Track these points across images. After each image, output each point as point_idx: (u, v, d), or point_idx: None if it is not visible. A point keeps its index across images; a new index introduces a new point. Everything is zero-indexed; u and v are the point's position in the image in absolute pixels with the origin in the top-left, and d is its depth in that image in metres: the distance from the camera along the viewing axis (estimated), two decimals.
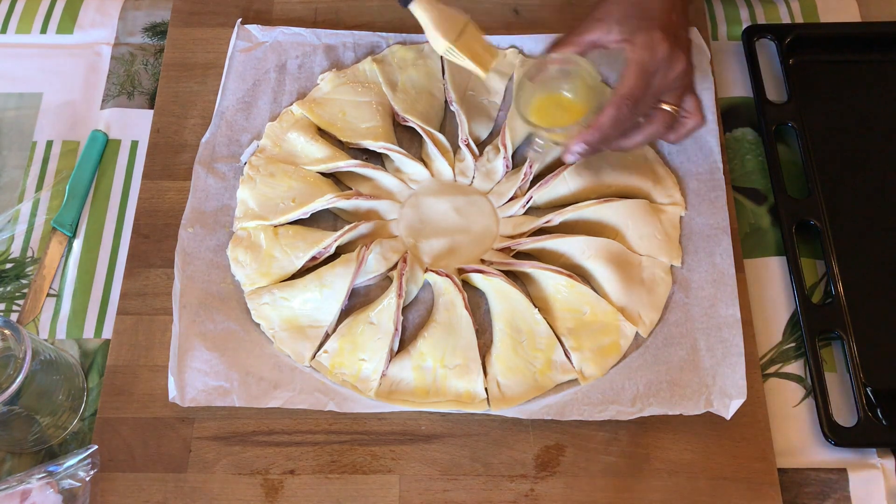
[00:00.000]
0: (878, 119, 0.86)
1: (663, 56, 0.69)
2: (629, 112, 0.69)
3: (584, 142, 0.70)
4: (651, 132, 0.73)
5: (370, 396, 0.73)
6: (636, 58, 0.68)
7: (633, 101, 0.68)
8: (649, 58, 0.68)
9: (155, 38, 0.93)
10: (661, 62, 0.69)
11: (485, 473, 0.71)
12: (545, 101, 0.74)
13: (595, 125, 0.69)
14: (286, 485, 0.71)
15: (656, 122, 0.72)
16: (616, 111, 0.69)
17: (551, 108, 0.74)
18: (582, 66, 0.72)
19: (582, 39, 0.72)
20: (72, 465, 0.70)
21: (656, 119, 0.72)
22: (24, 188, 0.85)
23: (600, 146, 0.72)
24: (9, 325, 0.66)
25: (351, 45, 0.89)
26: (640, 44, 0.68)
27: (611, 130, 0.70)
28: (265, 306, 0.76)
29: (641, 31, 0.69)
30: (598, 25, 0.71)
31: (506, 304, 0.75)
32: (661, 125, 0.73)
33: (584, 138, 0.70)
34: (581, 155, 0.72)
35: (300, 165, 0.82)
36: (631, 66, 0.69)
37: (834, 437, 0.71)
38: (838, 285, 0.77)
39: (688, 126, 0.74)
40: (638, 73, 0.68)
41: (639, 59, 0.68)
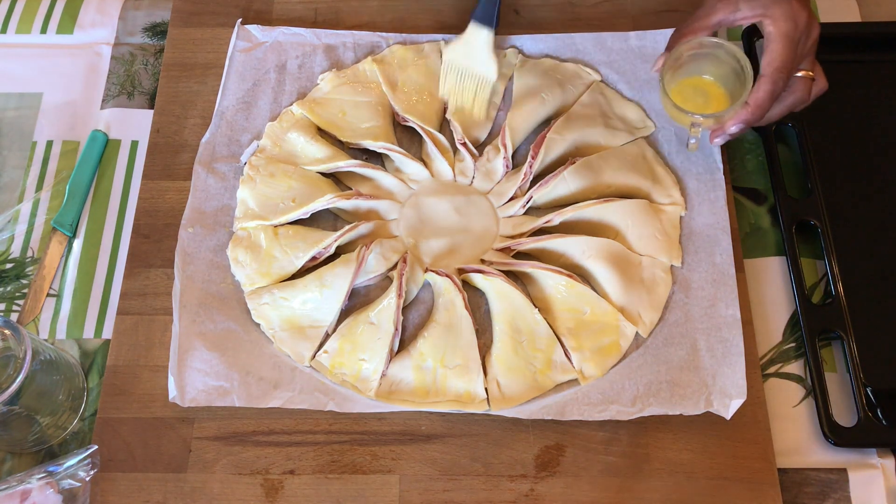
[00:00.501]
0: (878, 119, 0.85)
1: (804, 25, 0.70)
2: (784, 85, 0.70)
3: (742, 121, 0.71)
4: (793, 101, 0.73)
5: (370, 396, 0.73)
6: (782, 30, 0.69)
7: (787, 73, 0.69)
8: (794, 28, 0.69)
9: (155, 38, 0.93)
10: (802, 31, 0.70)
11: (485, 473, 0.71)
12: (683, 88, 0.75)
13: (754, 103, 0.70)
14: (286, 485, 0.71)
15: (797, 90, 0.73)
16: (773, 86, 0.69)
17: (690, 94, 0.75)
18: (723, 46, 0.72)
19: (708, 22, 0.73)
20: (72, 465, 0.70)
21: (797, 88, 0.73)
22: (24, 188, 0.86)
23: (755, 123, 0.72)
24: (9, 325, 0.66)
25: (351, 45, 0.89)
26: (780, 16, 0.69)
27: (768, 105, 0.70)
28: (265, 306, 0.76)
29: (777, 4, 0.69)
30: (722, 6, 0.72)
31: (506, 304, 0.75)
32: (803, 92, 0.73)
33: (742, 118, 0.71)
34: (734, 135, 0.73)
35: (300, 165, 0.82)
36: (778, 38, 0.69)
37: (834, 437, 0.71)
38: (838, 285, 0.77)
39: (815, 91, 0.75)
40: (787, 44, 0.69)
41: (784, 30, 0.69)
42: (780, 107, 0.74)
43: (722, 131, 0.73)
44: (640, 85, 0.86)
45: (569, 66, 0.87)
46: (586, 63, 0.88)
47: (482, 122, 0.85)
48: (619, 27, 0.90)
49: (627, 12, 0.92)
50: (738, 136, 0.74)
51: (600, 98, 0.85)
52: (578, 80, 0.87)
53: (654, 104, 0.85)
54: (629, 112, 0.85)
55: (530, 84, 0.86)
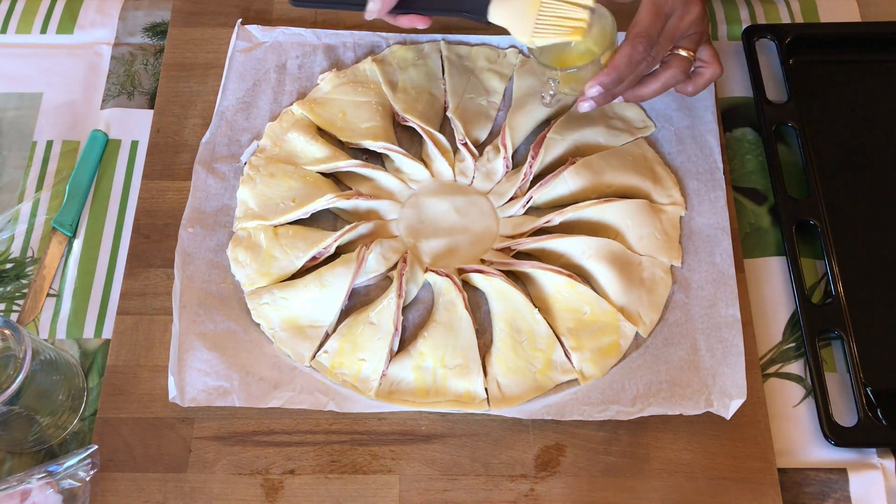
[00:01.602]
0: (878, 119, 0.86)
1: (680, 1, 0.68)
2: (644, 51, 0.68)
3: (600, 83, 0.69)
4: (667, 79, 0.72)
5: (370, 396, 0.73)
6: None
7: (648, 40, 0.68)
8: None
9: (155, 38, 0.93)
10: (675, 4, 0.68)
11: (485, 473, 0.71)
12: (559, 47, 0.73)
13: (611, 65, 0.69)
14: (286, 485, 0.71)
15: (673, 67, 0.72)
16: (631, 49, 0.68)
17: (563, 57, 0.73)
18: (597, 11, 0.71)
19: None
20: (72, 465, 0.70)
21: (673, 64, 0.72)
22: (24, 188, 0.86)
23: (615, 89, 0.70)
24: (9, 325, 0.66)
25: (351, 45, 0.90)
26: None
27: (626, 70, 0.69)
28: (265, 306, 0.76)
29: None
30: None
31: (506, 304, 0.75)
32: (679, 71, 0.72)
33: (599, 80, 0.69)
34: (596, 101, 0.71)
35: (300, 165, 0.82)
36: (646, 5, 0.68)
37: (834, 437, 0.71)
38: (838, 285, 0.77)
39: (706, 76, 0.74)
40: (652, 10, 0.68)
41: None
42: (655, 83, 0.72)
43: (584, 96, 0.71)
44: None
45: None
46: None
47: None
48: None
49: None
50: (602, 102, 0.71)
51: None
52: None
53: (654, 104, 0.85)
54: (629, 112, 0.85)
55: (530, 84, 0.86)
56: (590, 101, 0.71)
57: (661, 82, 0.72)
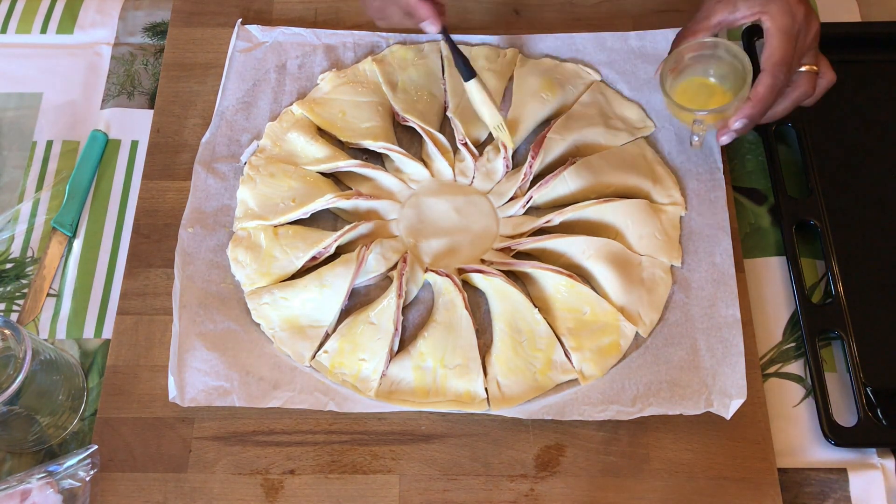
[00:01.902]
0: (878, 119, 0.85)
1: (802, 19, 0.70)
2: (785, 79, 0.70)
3: (746, 117, 0.71)
4: (798, 96, 0.74)
5: (370, 396, 0.73)
6: (779, 25, 0.69)
7: (787, 68, 0.70)
8: (791, 23, 0.70)
9: (155, 38, 0.93)
10: (801, 25, 0.70)
11: (485, 473, 0.71)
12: (687, 88, 0.75)
13: (755, 98, 0.70)
14: (286, 485, 0.71)
15: (801, 85, 0.73)
16: (773, 80, 0.70)
17: (693, 94, 0.75)
18: (722, 45, 0.73)
19: (708, 24, 0.74)
20: (72, 465, 0.70)
21: (801, 82, 0.73)
22: (24, 188, 0.86)
23: (759, 119, 0.72)
24: (9, 325, 0.66)
25: (351, 45, 0.89)
26: (777, 12, 0.70)
27: (770, 100, 0.71)
28: (265, 306, 0.76)
29: (774, 1, 0.70)
30: (721, 7, 0.73)
31: (506, 304, 0.75)
32: (808, 87, 0.73)
33: (745, 113, 0.71)
34: (739, 131, 0.73)
35: (300, 165, 0.82)
36: (776, 34, 0.70)
37: (834, 437, 0.71)
38: (838, 285, 0.77)
39: (822, 84, 0.75)
40: (785, 39, 0.69)
41: (782, 25, 0.69)
42: (786, 102, 0.74)
43: (727, 128, 0.73)
44: (640, 85, 0.86)
45: (569, 66, 0.87)
46: (586, 63, 0.88)
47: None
48: (619, 27, 0.90)
49: (627, 12, 0.92)
50: (744, 132, 0.74)
51: (600, 98, 0.85)
52: (578, 80, 0.87)
53: (654, 104, 0.85)
54: (629, 112, 0.85)
55: (530, 84, 0.86)
56: (732, 133, 0.73)
57: (792, 100, 0.74)
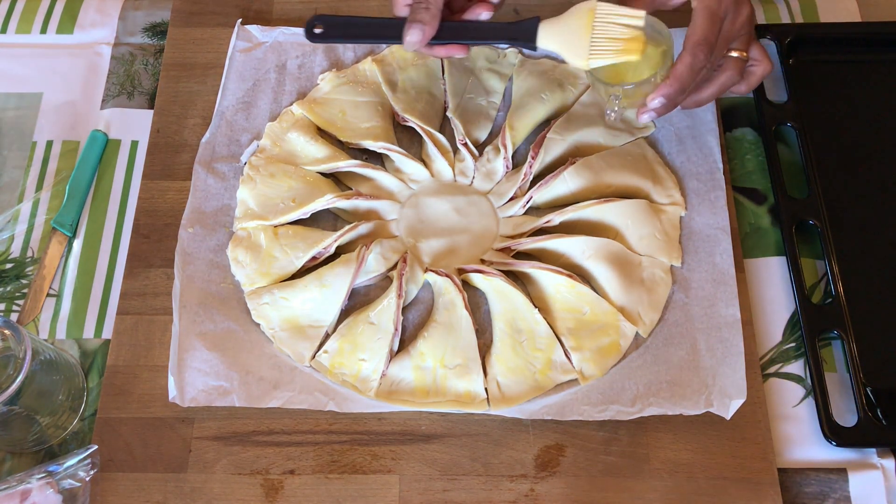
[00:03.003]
0: (878, 119, 0.85)
1: (730, 1, 0.69)
2: (704, 59, 0.68)
3: (663, 95, 0.70)
4: (724, 81, 0.73)
5: (370, 396, 0.73)
6: (704, 4, 0.68)
7: (708, 47, 0.68)
8: (717, 3, 0.68)
9: (155, 38, 0.93)
10: (728, 7, 0.69)
11: (485, 473, 0.71)
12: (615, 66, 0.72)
13: (673, 76, 0.69)
14: (286, 485, 0.71)
15: (728, 70, 0.72)
16: (692, 58, 0.68)
17: (618, 70, 0.73)
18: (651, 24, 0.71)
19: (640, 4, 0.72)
20: (72, 465, 0.70)
21: (728, 67, 0.72)
22: (24, 188, 0.86)
23: (677, 98, 0.71)
24: (9, 325, 0.66)
25: (351, 45, 0.89)
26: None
27: (688, 79, 0.69)
28: (265, 306, 0.76)
29: None
30: None
31: (506, 304, 0.75)
32: (735, 72, 0.72)
33: (662, 92, 0.69)
34: (657, 111, 0.71)
35: (300, 165, 0.82)
36: (700, 12, 0.68)
37: (834, 437, 0.71)
38: (838, 285, 0.77)
39: (757, 73, 0.74)
40: (708, 17, 0.68)
41: (707, 4, 0.68)
42: (712, 87, 0.73)
43: (645, 107, 0.71)
44: None
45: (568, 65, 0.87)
46: None
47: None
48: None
49: None
50: (663, 112, 0.71)
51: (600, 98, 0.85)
52: (578, 80, 0.87)
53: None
54: (629, 112, 0.85)
55: (530, 84, 0.86)
56: (651, 112, 0.71)
57: (718, 85, 0.73)
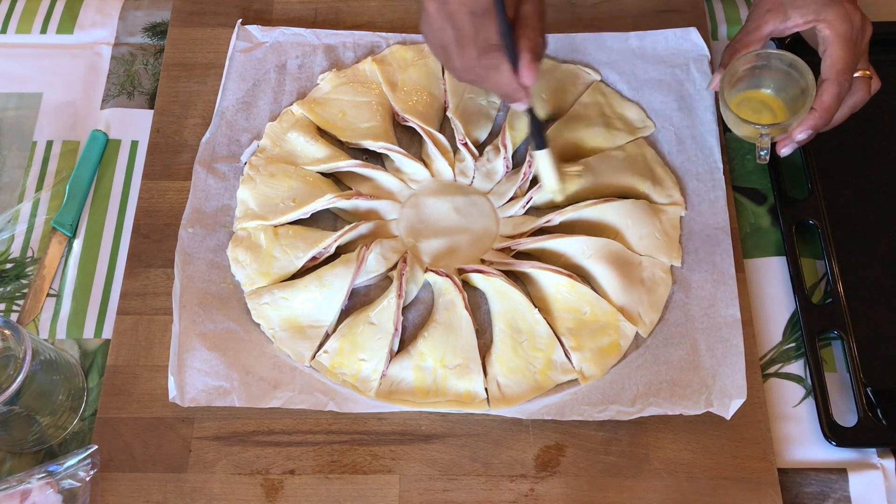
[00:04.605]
0: (879, 119, 0.85)
1: (859, 24, 0.70)
2: (849, 87, 0.69)
3: (811, 127, 0.70)
4: (855, 102, 0.73)
5: (370, 396, 0.73)
6: (839, 32, 0.69)
7: (850, 74, 0.69)
8: (850, 29, 0.69)
9: (155, 38, 0.93)
10: (857, 30, 0.70)
11: (485, 473, 0.71)
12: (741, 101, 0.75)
13: (821, 107, 0.69)
14: (286, 485, 0.71)
15: (858, 90, 0.72)
16: (839, 88, 0.69)
17: (749, 107, 0.75)
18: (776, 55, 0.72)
19: (760, 35, 0.73)
20: (72, 465, 0.70)
21: (858, 87, 0.72)
22: (24, 188, 0.86)
23: (823, 128, 0.71)
24: (9, 325, 0.66)
25: (351, 45, 0.89)
26: (835, 18, 0.69)
27: (835, 109, 0.70)
28: (265, 306, 0.76)
29: (830, 7, 0.69)
30: (771, 17, 0.72)
31: (506, 304, 0.75)
32: (864, 91, 0.73)
33: (810, 124, 0.70)
34: (801, 142, 0.72)
35: (300, 165, 0.82)
36: (836, 41, 0.69)
37: (834, 437, 0.71)
38: (838, 285, 0.77)
39: (873, 89, 0.75)
40: (846, 46, 0.69)
41: (842, 32, 0.69)
42: (844, 109, 0.73)
43: (790, 139, 0.72)
44: (640, 85, 0.86)
45: (568, 66, 0.87)
46: (586, 63, 0.88)
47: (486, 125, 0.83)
48: (619, 27, 0.90)
49: (627, 12, 0.92)
50: (806, 143, 0.73)
51: (600, 98, 0.85)
52: (578, 81, 0.87)
53: (653, 104, 0.85)
54: (629, 112, 0.85)
55: None
56: (794, 143, 0.72)
57: (849, 107, 0.73)
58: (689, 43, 0.87)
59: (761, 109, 0.75)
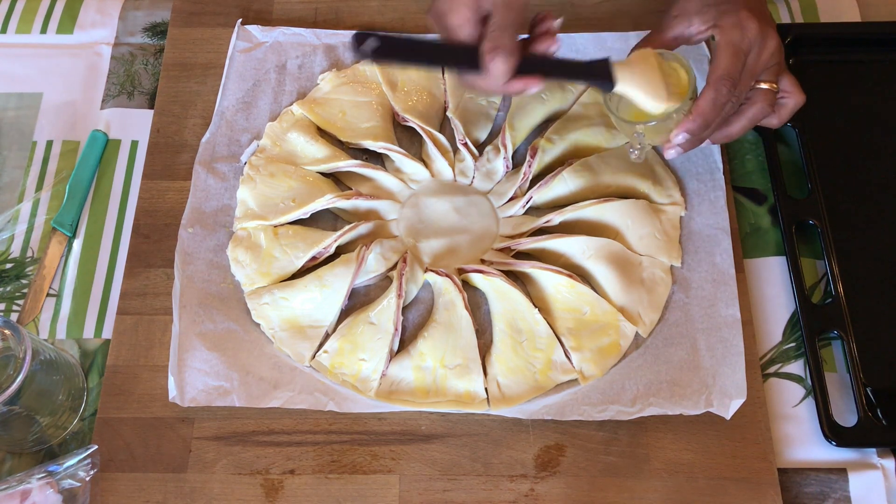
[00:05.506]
0: (879, 119, 0.85)
1: (754, 34, 0.69)
2: (728, 93, 0.68)
3: (686, 130, 0.69)
4: (754, 114, 0.72)
5: (370, 396, 0.73)
6: (727, 38, 0.68)
7: (731, 82, 0.68)
8: (740, 37, 0.68)
9: (155, 38, 0.93)
10: (753, 40, 0.69)
11: (485, 473, 0.71)
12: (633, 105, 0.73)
13: (696, 111, 0.69)
14: (286, 485, 0.71)
15: (758, 102, 0.72)
16: (714, 93, 0.68)
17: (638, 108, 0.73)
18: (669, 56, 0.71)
19: (663, 38, 0.73)
20: (72, 465, 0.70)
21: (757, 99, 0.72)
22: (24, 188, 0.86)
23: (702, 133, 0.70)
24: (9, 325, 0.66)
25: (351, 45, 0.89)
26: (728, 25, 0.69)
27: (712, 114, 0.69)
28: (265, 306, 0.76)
29: (727, 15, 0.69)
30: (677, 21, 0.72)
31: (506, 304, 0.75)
32: (765, 104, 0.72)
33: (685, 127, 0.69)
34: (683, 147, 0.71)
35: (300, 165, 0.82)
36: (723, 47, 0.68)
37: (834, 437, 0.71)
38: (838, 285, 0.77)
39: (789, 105, 0.74)
40: (731, 52, 0.68)
41: (730, 39, 0.68)
42: (742, 121, 0.72)
43: (670, 143, 0.71)
44: None
45: None
46: None
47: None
48: (619, 27, 0.90)
49: (627, 12, 0.92)
50: (689, 148, 0.72)
51: (600, 98, 0.85)
52: None
53: None
54: None
55: None
56: (676, 147, 0.71)
57: (748, 118, 0.72)
58: None
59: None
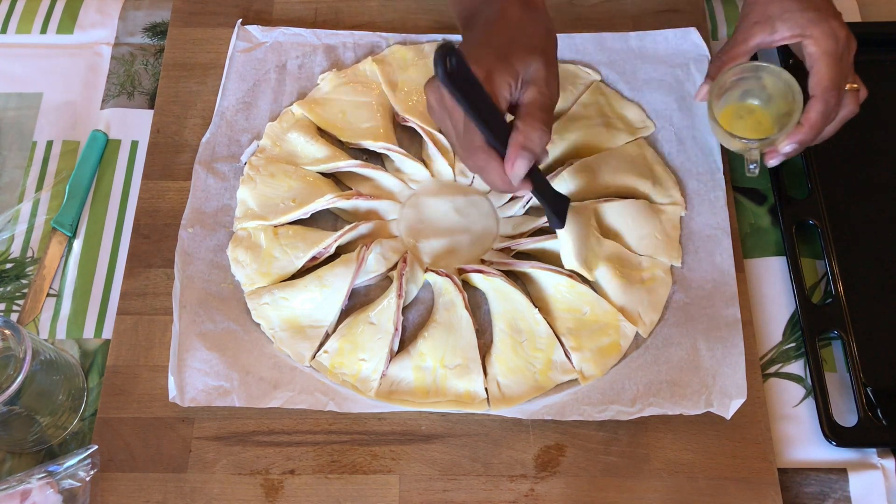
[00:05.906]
0: (879, 119, 0.85)
1: (844, 41, 0.70)
2: (836, 103, 0.70)
3: (798, 141, 0.71)
4: (844, 115, 0.74)
5: (370, 396, 0.73)
6: (824, 49, 0.69)
7: (837, 92, 0.70)
8: (835, 47, 0.70)
9: (155, 38, 0.93)
10: (843, 46, 0.70)
11: (485, 473, 0.71)
12: (729, 112, 0.76)
13: (808, 123, 0.70)
14: (286, 485, 0.71)
15: (848, 104, 0.73)
16: (825, 105, 0.69)
17: (736, 118, 0.76)
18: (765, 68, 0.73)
19: (746, 47, 0.74)
20: (72, 465, 0.70)
21: (848, 101, 0.73)
22: (24, 188, 0.86)
23: (810, 143, 0.72)
24: (9, 325, 0.66)
25: (351, 45, 0.89)
26: (821, 35, 0.69)
27: (822, 124, 0.70)
28: (265, 306, 0.76)
29: (817, 24, 0.70)
30: (759, 28, 0.73)
31: (506, 304, 0.75)
32: (854, 105, 0.73)
33: (797, 139, 0.71)
34: (788, 155, 0.73)
35: (300, 165, 0.82)
36: (822, 58, 0.70)
37: (834, 437, 0.71)
38: (838, 285, 0.77)
39: (861, 99, 0.75)
40: (832, 62, 0.69)
41: (826, 49, 0.69)
42: (834, 123, 0.74)
43: (776, 152, 0.73)
44: (640, 85, 0.86)
45: (568, 66, 0.87)
46: (586, 63, 0.88)
47: None
48: (619, 27, 0.90)
49: (627, 12, 0.92)
50: (793, 156, 0.73)
51: (600, 98, 0.85)
52: (578, 81, 0.87)
53: (654, 104, 0.85)
54: (629, 112, 0.85)
55: None
56: (781, 156, 0.73)
57: (840, 120, 0.74)
58: (689, 43, 0.87)
59: (748, 122, 0.76)
